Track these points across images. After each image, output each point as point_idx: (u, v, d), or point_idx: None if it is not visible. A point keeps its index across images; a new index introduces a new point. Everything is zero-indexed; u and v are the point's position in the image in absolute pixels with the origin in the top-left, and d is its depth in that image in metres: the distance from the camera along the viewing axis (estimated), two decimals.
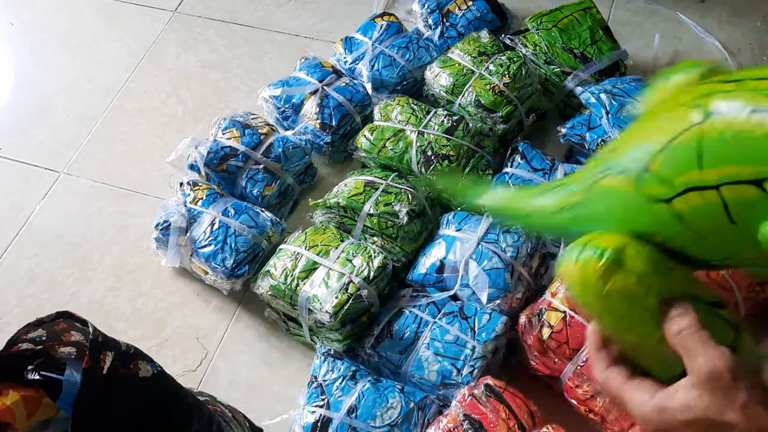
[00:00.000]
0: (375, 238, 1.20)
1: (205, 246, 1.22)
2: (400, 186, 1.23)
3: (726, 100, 0.38)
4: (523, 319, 1.06)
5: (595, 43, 1.41)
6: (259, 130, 1.36)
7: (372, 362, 1.11)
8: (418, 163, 1.28)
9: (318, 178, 1.42)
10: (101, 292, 1.32)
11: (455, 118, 1.31)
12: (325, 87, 1.41)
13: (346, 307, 1.08)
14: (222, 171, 1.32)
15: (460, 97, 1.37)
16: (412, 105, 1.35)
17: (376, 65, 1.45)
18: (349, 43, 1.51)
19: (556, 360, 1.05)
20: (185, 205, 1.26)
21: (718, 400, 0.40)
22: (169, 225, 1.24)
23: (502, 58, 1.39)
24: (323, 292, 1.10)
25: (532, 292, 1.14)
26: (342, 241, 1.18)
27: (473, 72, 1.38)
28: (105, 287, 1.32)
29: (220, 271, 1.21)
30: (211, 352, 1.22)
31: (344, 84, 1.43)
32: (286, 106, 1.43)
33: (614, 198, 0.45)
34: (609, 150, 0.47)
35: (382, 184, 1.24)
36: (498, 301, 1.10)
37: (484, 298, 1.11)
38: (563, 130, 1.32)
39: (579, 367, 1.01)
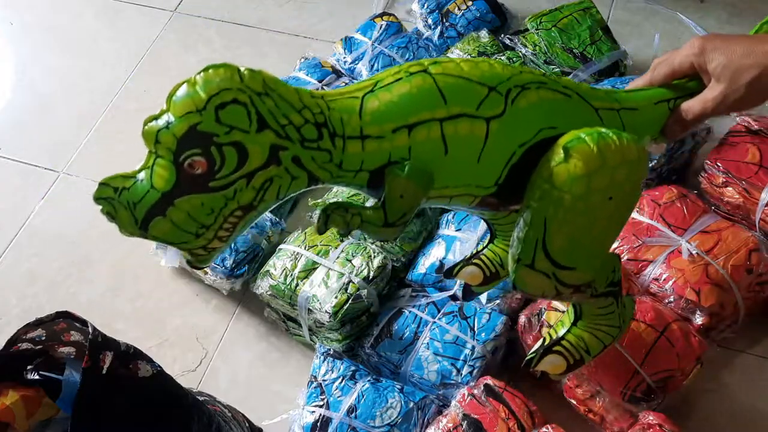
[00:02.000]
0: None
1: None
2: None
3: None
4: (522, 318, 1.06)
5: (594, 43, 1.41)
6: None
7: (371, 362, 1.11)
8: None
9: None
10: (101, 292, 1.32)
11: None
12: (324, 87, 1.41)
13: (345, 307, 1.08)
14: None
15: None
16: None
17: (376, 65, 1.45)
18: (348, 43, 1.51)
19: None
20: None
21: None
22: None
23: (502, 58, 1.39)
24: (323, 292, 1.10)
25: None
26: (341, 241, 1.18)
27: None
28: (105, 287, 1.32)
29: (220, 271, 1.21)
30: (211, 352, 1.22)
31: (344, 84, 1.43)
32: None
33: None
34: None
35: None
36: (497, 301, 1.10)
37: (483, 298, 1.11)
38: None
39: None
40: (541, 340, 0.83)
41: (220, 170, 0.48)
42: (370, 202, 0.56)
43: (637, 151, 0.58)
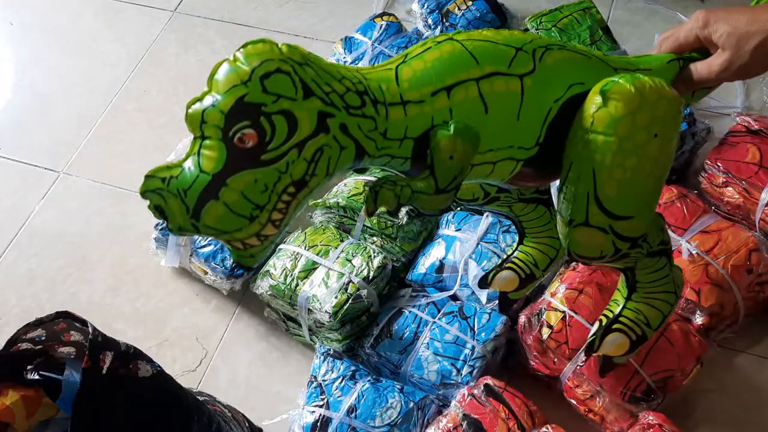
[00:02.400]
0: (374, 238, 1.20)
1: (204, 246, 1.22)
2: None
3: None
4: (522, 319, 1.06)
5: (594, 43, 1.41)
6: None
7: (371, 362, 1.11)
8: None
9: None
10: (101, 292, 1.32)
11: None
12: None
13: (345, 307, 1.08)
14: None
15: None
16: None
17: None
18: (348, 43, 1.51)
19: (556, 360, 1.05)
20: None
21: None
22: None
23: None
24: (323, 292, 1.10)
25: (531, 292, 1.14)
26: (341, 241, 1.18)
27: None
28: (105, 287, 1.32)
29: (220, 271, 1.21)
30: (211, 352, 1.22)
31: None
32: None
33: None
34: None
35: None
36: (497, 301, 1.10)
37: (483, 298, 1.11)
38: None
39: (578, 367, 1.01)
40: (598, 321, 0.80)
41: (271, 141, 0.47)
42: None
43: (671, 90, 0.60)
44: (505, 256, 0.89)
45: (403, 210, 1.19)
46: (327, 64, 0.52)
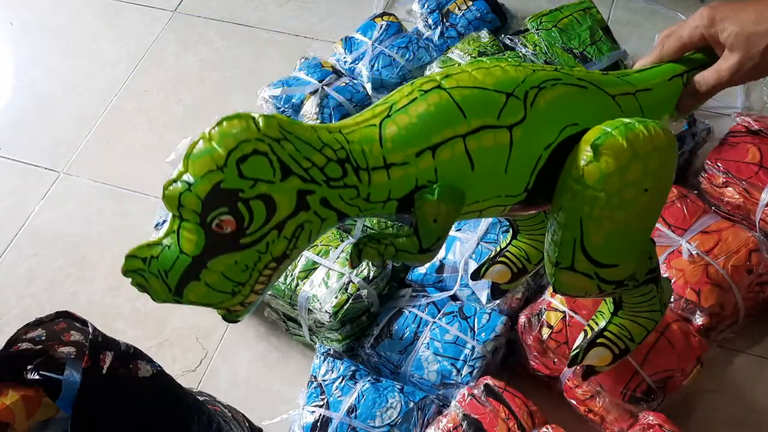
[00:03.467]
0: None
1: None
2: None
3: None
4: (522, 319, 1.06)
5: (594, 43, 1.41)
6: None
7: (371, 362, 1.11)
8: None
9: None
10: (101, 292, 1.32)
11: None
12: (324, 87, 1.41)
13: (345, 307, 1.08)
14: None
15: None
16: None
17: (376, 65, 1.45)
18: (349, 43, 1.51)
19: (556, 360, 1.05)
20: None
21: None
22: None
23: (502, 58, 1.39)
24: (323, 292, 1.10)
25: (531, 292, 1.14)
26: (342, 241, 1.18)
27: None
28: (105, 287, 1.32)
29: None
30: (211, 352, 1.22)
31: (344, 84, 1.43)
32: (286, 106, 1.43)
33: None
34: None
35: None
36: (497, 301, 1.10)
37: (483, 298, 1.11)
38: None
39: (579, 367, 1.01)
40: (582, 333, 0.81)
41: (249, 225, 0.46)
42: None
43: (666, 137, 0.57)
44: (497, 250, 0.90)
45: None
46: (306, 133, 0.50)
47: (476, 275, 0.90)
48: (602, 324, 0.79)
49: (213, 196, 0.46)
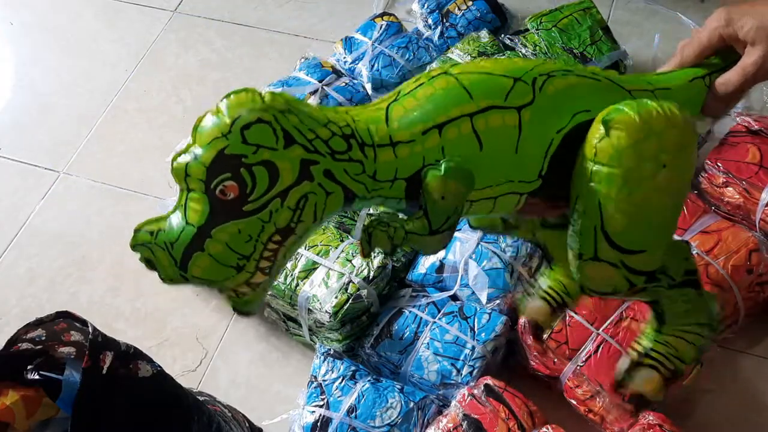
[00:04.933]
0: None
1: None
2: None
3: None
4: (522, 319, 1.06)
5: (594, 43, 1.41)
6: None
7: (371, 362, 1.11)
8: None
9: None
10: (101, 292, 1.32)
11: None
12: (324, 87, 1.41)
13: (345, 307, 1.08)
14: None
15: None
16: None
17: (376, 65, 1.45)
18: (348, 43, 1.51)
19: (556, 360, 1.05)
20: None
21: None
22: None
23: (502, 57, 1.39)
24: (323, 292, 1.10)
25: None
26: (342, 241, 1.18)
27: None
28: (105, 287, 1.32)
29: None
30: (211, 352, 1.22)
31: (344, 84, 1.43)
32: None
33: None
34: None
35: None
36: (497, 301, 1.10)
37: (483, 298, 1.11)
38: None
39: (578, 367, 1.01)
40: (624, 357, 0.78)
41: (252, 192, 0.47)
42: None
43: (681, 116, 0.56)
44: (533, 284, 0.85)
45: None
46: (313, 110, 0.51)
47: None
48: (646, 344, 0.72)
49: (217, 163, 0.47)
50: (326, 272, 1.12)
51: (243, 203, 0.47)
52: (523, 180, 0.57)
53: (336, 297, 1.09)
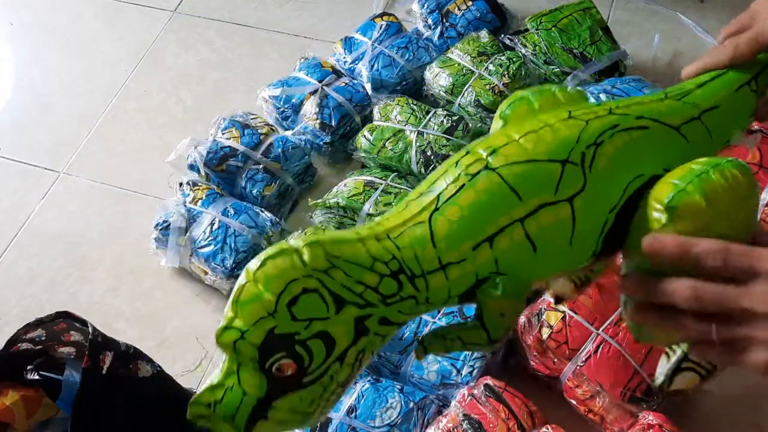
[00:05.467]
0: None
1: (204, 246, 1.22)
2: (400, 186, 1.23)
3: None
4: (522, 318, 1.06)
5: (594, 43, 1.41)
6: (259, 130, 1.36)
7: (371, 362, 1.11)
8: (417, 163, 1.28)
9: (318, 178, 1.42)
10: (101, 292, 1.32)
11: (455, 118, 1.31)
12: (324, 87, 1.41)
13: None
14: (221, 171, 1.32)
15: (459, 97, 1.37)
16: (411, 105, 1.35)
17: (376, 65, 1.45)
18: (348, 43, 1.51)
19: (556, 360, 1.05)
20: (185, 205, 1.26)
21: None
22: (169, 225, 1.24)
23: (502, 58, 1.39)
24: None
25: (531, 293, 1.14)
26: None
27: (473, 72, 1.38)
28: (105, 287, 1.32)
29: (220, 272, 1.21)
30: (211, 353, 1.22)
31: (344, 84, 1.43)
32: (286, 106, 1.43)
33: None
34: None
35: (381, 184, 1.24)
36: None
37: None
38: None
39: (578, 367, 1.01)
40: (663, 357, 0.76)
41: (310, 365, 0.45)
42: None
43: (746, 181, 0.50)
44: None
45: None
46: (354, 251, 0.46)
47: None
48: (684, 346, 0.70)
49: (268, 343, 0.44)
50: None
51: (302, 376, 0.45)
52: (578, 263, 0.54)
53: None
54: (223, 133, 1.36)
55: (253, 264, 0.44)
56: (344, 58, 1.50)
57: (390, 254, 0.47)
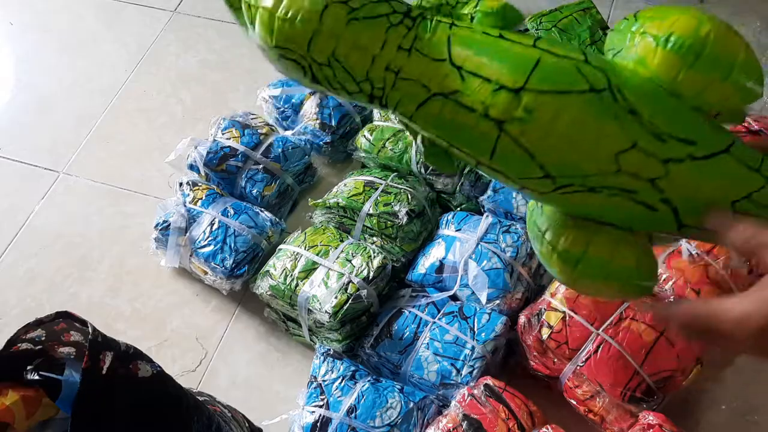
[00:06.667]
0: (374, 239, 1.20)
1: (204, 246, 1.22)
2: (400, 186, 1.23)
3: None
4: (522, 319, 1.06)
5: (594, 43, 1.41)
6: (259, 130, 1.36)
7: (371, 362, 1.11)
8: (417, 163, 1.28)
9: (318, 178, 1.42)
10: (101, 292, 1.32)
11: None
12: None
13: (345, 307, 1.08)
14: (221, 171, 1.32)
15: None
16: None
17: None
18: None
19: (556, 360, 1.05)
20: (185, 205, 1.26)
21: None
22: (169, 225, 1.24)
23: None
24: (323, 292, 1.10)
25: (531, 292, 1.15)
26: (341, 241, 1.18)
27: None
28: (104, 287, 1.32)
29: (220, 271, 1.21)
30: (211, 353, 1.22)
31: None
32: (286, 106, 1.43)
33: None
34: None
35: (381, 184, 1.24)
36: (497, 301, 1.10)
37: (483, 298, 1.11)
38: None
39: (578, 367, 1.01)
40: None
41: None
42: None
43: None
44: None
45: (403, 210, 1.19)
46: (359, 59, 0.53)
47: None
48: None
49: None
50: (326, 272, 1.12)
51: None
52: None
53: (336, 297, 1.09)
54: (223, 133, 1.36)
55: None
56: None
57: (381, 83, 0.53)
